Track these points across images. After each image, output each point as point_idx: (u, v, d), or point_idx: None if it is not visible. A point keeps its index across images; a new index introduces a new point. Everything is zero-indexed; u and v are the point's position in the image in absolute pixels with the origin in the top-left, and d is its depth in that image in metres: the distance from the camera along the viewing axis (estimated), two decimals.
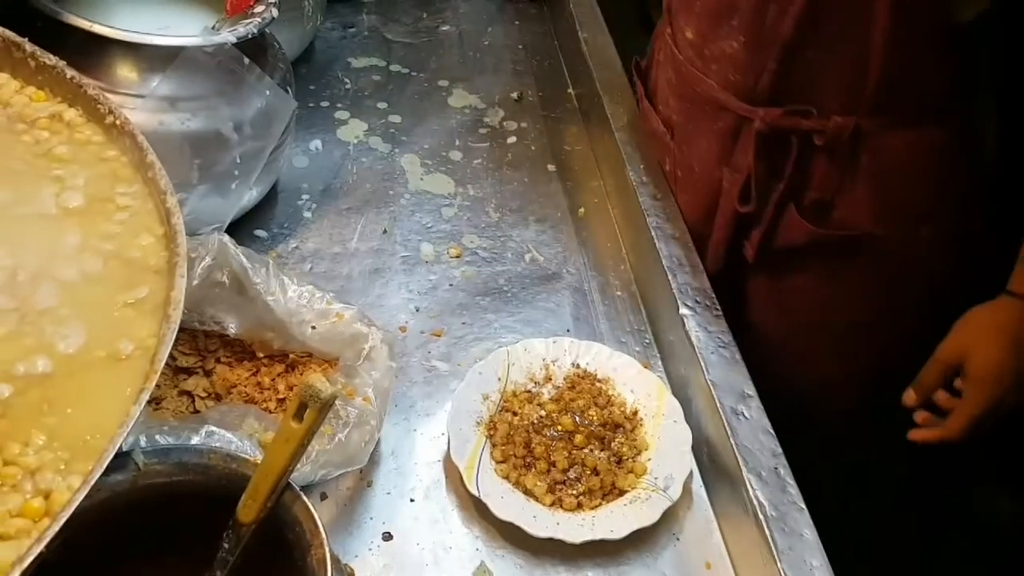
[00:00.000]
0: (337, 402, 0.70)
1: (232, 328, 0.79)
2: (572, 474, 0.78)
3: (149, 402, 0.74)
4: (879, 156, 0.89)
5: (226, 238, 0.78)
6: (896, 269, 0.95)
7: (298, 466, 0.55)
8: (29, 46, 0.66)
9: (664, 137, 1.05)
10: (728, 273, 1.01)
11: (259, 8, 0.88)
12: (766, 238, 0.96)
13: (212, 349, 0.80)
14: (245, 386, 0.78)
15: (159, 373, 0.49)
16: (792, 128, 0.89)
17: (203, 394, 0.77)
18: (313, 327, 0.78)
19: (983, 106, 0.92)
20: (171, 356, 0.79)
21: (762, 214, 0.95)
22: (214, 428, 0.67)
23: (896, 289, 0.97)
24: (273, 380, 0.79)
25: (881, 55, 0.82)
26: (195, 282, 0.76)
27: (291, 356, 0.81)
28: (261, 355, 0.80)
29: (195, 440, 0.65)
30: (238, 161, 0.88)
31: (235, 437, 0.67)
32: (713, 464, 0.80)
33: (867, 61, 0.83)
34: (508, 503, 0.74)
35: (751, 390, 0.81)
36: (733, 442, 0.76)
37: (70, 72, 0.65)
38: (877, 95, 0.85)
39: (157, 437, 0.64)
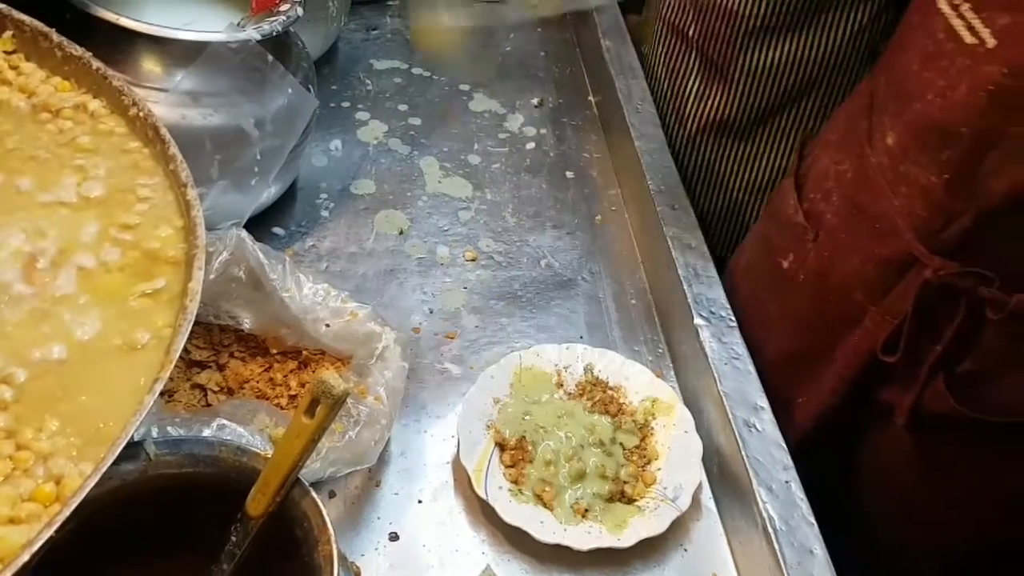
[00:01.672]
0: (348, 400, 0.70)
1: (247, 323, 0.79)
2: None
3: (162, 394, 0.74)
4: None
5: (244, 234, 0.78)
6: None
7: (308, 462, 0.55)
8: (56, 36, 0.66)
9: (802, 232, 0.89)
10: (842, 409, 0.88)
11: (284, 7, 0.89)
12: (917, 403, 0.82)
13: (226, 344, 0.80)
14: (258, 382, 0.78)
15: (174, 364, 0.49)
16: (965, 290, 0.75)
17: (215, 388, 0.77)
18: (327, 325, 0.78)
19: None
20: (185, 349, 0.78)
21: (913, 373, 0.81)
22: (225, 422, 0.67)
23: None
24: (286, 376, 0.79)
25: None
26: (211, 276, 0.76)
27: (304, 353, 0.81)
28: (274, 351, 0.81)
29: (206, 433, 0.66)
30: (258, 158, 0.88)
31: (246, 431, 0.67)
32: (723, 476, 0.79)
33: None
34: (516, 508, 0.74)
35: (763, 402, 0.80)
36: (744, 454, 0.75)
37: (96, 63, 0.66)
38: None
39: (168, 428, 0.65)
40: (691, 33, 1.19)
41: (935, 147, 0.73)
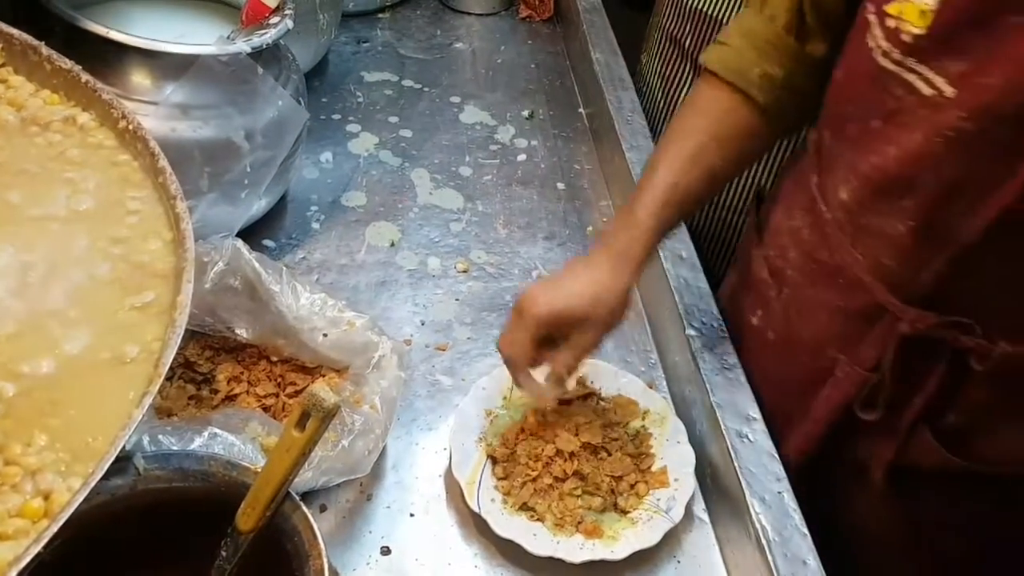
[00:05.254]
0: (343, 409, 0.70)
1: (243, 333, 0.79)
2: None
3: (156, 405, 0.74)
4: None
5: (240, 243, 0.78)
6: None
7: (300, 472, 0.54)
8: (46, 50, 0.66)
9: (767, 289, 0.87)
10: (815, 466, 0.84)
11: (274, 19, 0.89)
12: (896, 455, 0.79)
13: (222, 353, 0.80)
14: (252, 391, 0.78)
15: (163, 377, 0.48)
16: (946, 341, 0.73)
17: (210, 396, 0.77)
18: (325, 335, 0.78)
19: None
20: (182, 358, 0.79)
21: (892, 427, 0.78)
22: (217, 430, 0.67)
23: None
24: (281, 386, 0.79)
25: None
26: (207, 286, 0.76)
27: (301, 363, 0.81)
28: (272, 360, 0.81)
29: (197, 441, 0.65)
30: (248, 170, 0.88)
31: (237, 440, 0.67)
32: (716, 487, 0.79)
33: None
34: (508, 520, 0.74)
35: (756, 413, 0.80)
36: (736, 465, 0.75)
37: (85, 77, 0.65)
38: None
39: (160, 437, 0.64)
40: (687, 44, 1.19)
41: (896, 197, 0.70)
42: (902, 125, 0.68)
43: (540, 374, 0.78)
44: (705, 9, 1.15)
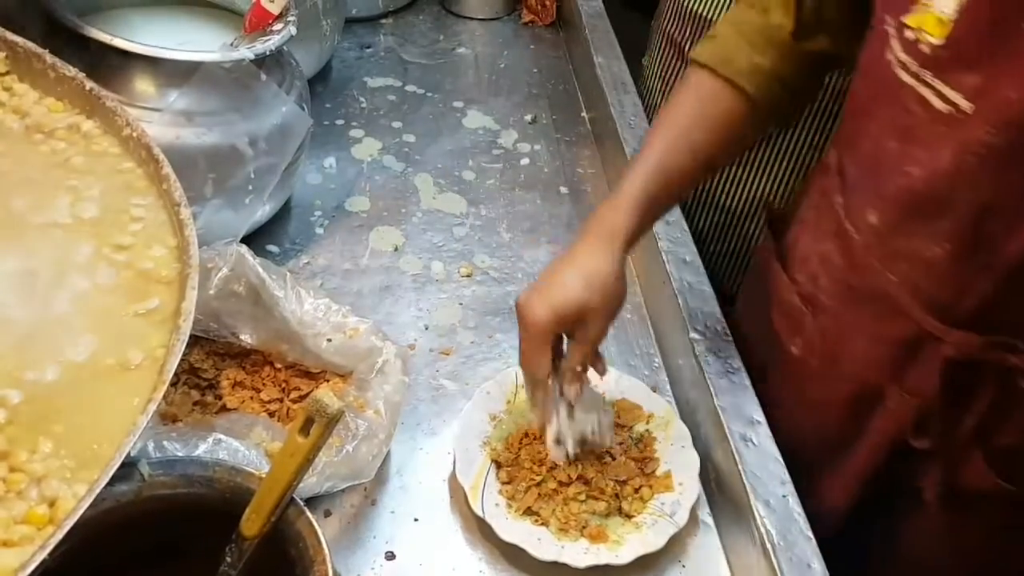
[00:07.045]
0: (347, 414, 0.70)
1: (248, 339, 0.79)
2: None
3: (161, 411, 0.74)
4: None
5: (244, 249, 0.78)
6: None
7: (304, 477, 0.54)
8: (50, 58, 0.67)
9: (800, 315, 0.85)
10: (870, 496, 0.84)
11: (278, 26, 0.89)
12: (947, 479, 0.79)
13: (226, 358, 0.80)
14: (257, 396, 0.78)
15: (167, 384, 0.48)
16: (992, 362, 0.72)
17: (214, 402, 0.77)
18: (329, 340, 0.78)
19: None
20: (186, 363, 0.79)
21: (944, 451, 0.77)
22: (221, 436, 0.67)
23: None
24: (285, 391, 0.79)
25: None
26: (211, 292, 0.76)
27: (305, 368, 0.81)
28: (276, 365, 0.81)
29: (202, 447, 0.65)
30: (252, 176, 0.88)
31: (242, 446, 0.67)
32: (721, 491, 0.79)
33: None
34: (512, 525, 0.74)
35: (760, 417, 0.80)
36: (741, 469, 0.75)
37: (89, 84, 0.66)
38: None
39: (165, 443, 0.64)
40: (686, 48, 1.19)
41: (930, 218, 0.69)
42: (920, 143, 0.67)
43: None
44: (703, 12, 1.15)
